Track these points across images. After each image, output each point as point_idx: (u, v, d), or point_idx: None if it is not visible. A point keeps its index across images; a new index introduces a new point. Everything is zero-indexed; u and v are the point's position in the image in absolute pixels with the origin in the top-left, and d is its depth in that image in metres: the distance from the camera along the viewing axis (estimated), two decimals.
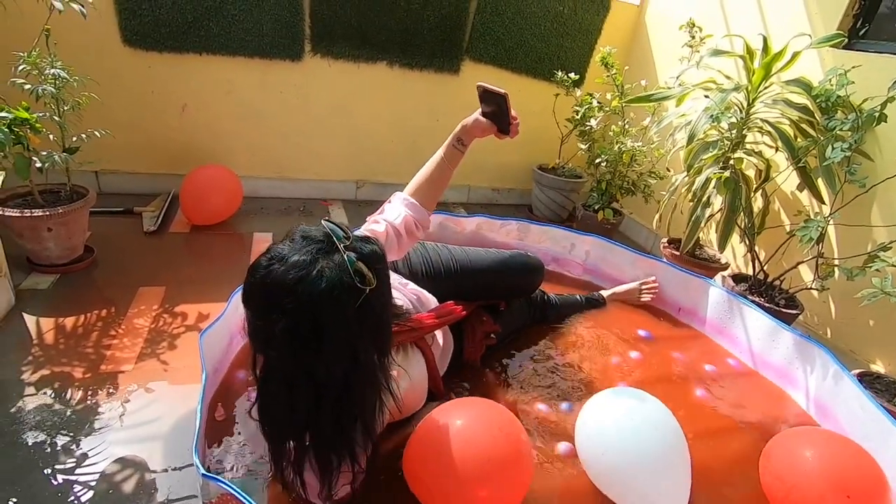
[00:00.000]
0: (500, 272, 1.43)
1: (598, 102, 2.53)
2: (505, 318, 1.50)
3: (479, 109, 1.18)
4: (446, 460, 0.91)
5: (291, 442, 0.83)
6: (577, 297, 1.81)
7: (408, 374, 1.05)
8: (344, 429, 0.83)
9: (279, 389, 0.80)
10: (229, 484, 0.81)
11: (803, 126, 1.80)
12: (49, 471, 1.04)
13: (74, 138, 1.65)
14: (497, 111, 1.14)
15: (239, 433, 1.14)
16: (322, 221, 0.82)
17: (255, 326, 0.79)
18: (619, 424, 1.07)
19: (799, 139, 1.79)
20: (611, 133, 2.48)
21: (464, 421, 0.97)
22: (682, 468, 1.07)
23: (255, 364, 0.82)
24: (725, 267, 2.16)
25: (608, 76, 2.48)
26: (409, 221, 1.15)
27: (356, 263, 0.76)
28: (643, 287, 1.90)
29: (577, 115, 2.57)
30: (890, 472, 1.20)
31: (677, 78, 2.13)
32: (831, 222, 1.74)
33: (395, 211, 1.16)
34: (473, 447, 0.92)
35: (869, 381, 1.55)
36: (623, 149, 2.40)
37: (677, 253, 2.12)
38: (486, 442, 0.94)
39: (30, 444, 1.09)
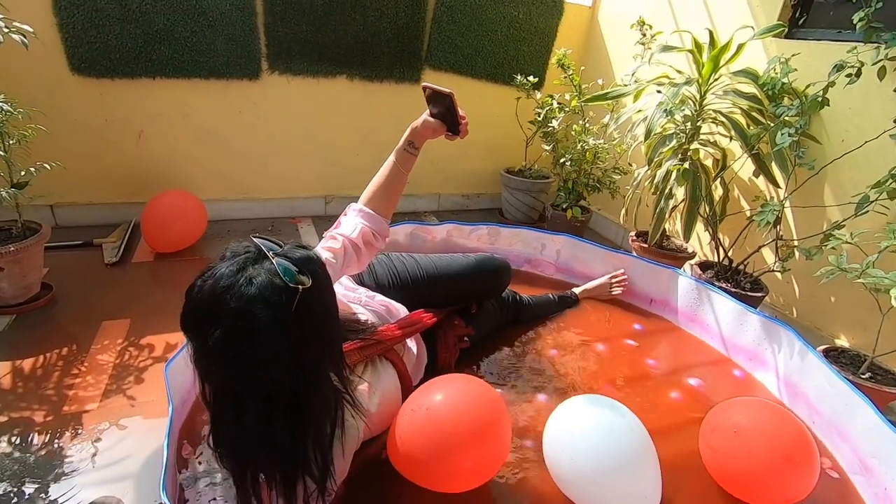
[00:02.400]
0: (466, 276, 1.42)
1: (559, 103, 2.57)
2: (477, 320, 1.50)
3: (427, 111, 1.17)
4: (431, 435, 0.95)
5: (249, 470, 0.80)
6: (550, 295, 1.82)
7: (377, 389, 1.03)
8: (301, 445, 0.81)
9: (229, 412, 0.77)
10: None
11: (754, 114, 1.86)
12: None
13: (23, 172, 1.60)
14: (445, 111, 1.13)
15: (201, 463, 1.11)
16: (251, 237, 0.81)
17: (194, 349, 0.77)
18: (586, 436, 1.04)
19: (751, 127, 1.85)
20: (573, 132, 2.52)
21: (443, 395, 0.99)
22: (651, 483, 1.05)
23: (204, 393, 0.79)
24: (692, 256, 2.20)
25: (565, 77, 2.52)
26: (367, 233, 1.14)
27: (286, 265, 0.76)
28: (613, 281, 1.93)
29: (539, 116, 2.61)
30: (859, 444, 1.25)
31: (632, 75, 2.18)
32: (787, 205, 1.80)
33: (352, 224, 1.14)
34: (456, 417, 0.96)
35: (834, 356, 1.59)
36: (586, 147, 2.44)
37: (645, 245, 2.15)
38: (472, 410, 0.98)
39: None
